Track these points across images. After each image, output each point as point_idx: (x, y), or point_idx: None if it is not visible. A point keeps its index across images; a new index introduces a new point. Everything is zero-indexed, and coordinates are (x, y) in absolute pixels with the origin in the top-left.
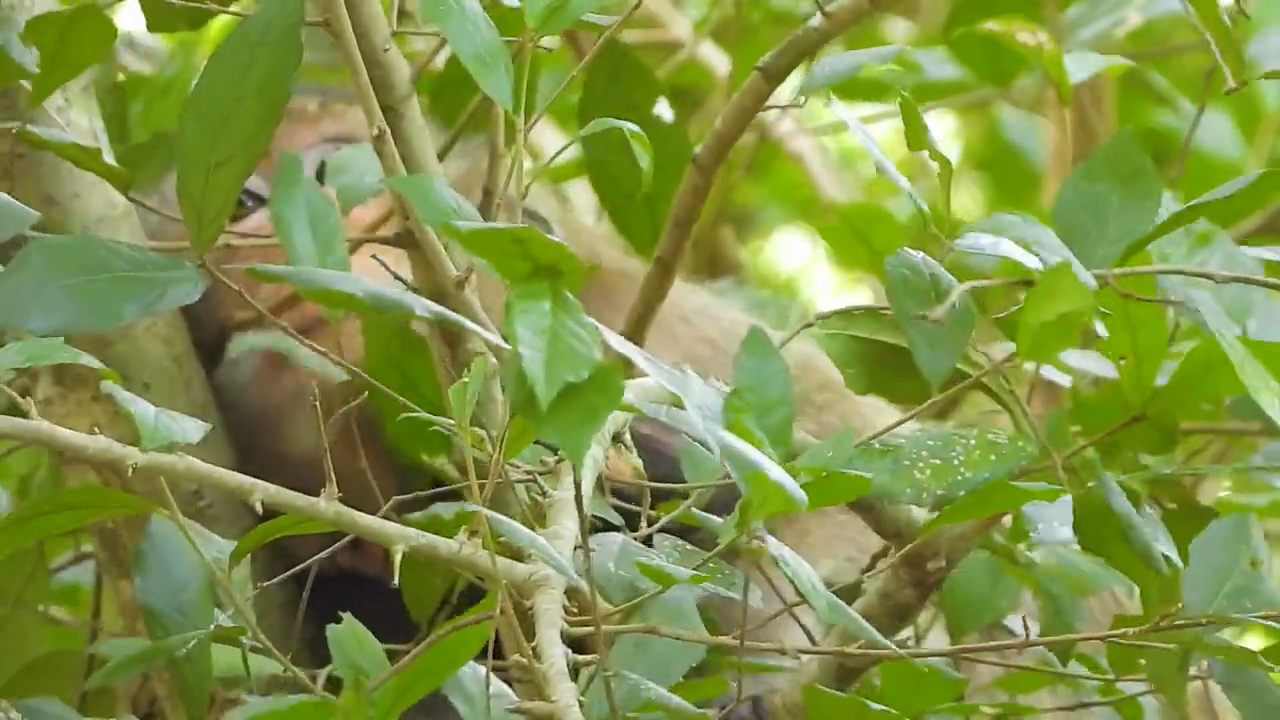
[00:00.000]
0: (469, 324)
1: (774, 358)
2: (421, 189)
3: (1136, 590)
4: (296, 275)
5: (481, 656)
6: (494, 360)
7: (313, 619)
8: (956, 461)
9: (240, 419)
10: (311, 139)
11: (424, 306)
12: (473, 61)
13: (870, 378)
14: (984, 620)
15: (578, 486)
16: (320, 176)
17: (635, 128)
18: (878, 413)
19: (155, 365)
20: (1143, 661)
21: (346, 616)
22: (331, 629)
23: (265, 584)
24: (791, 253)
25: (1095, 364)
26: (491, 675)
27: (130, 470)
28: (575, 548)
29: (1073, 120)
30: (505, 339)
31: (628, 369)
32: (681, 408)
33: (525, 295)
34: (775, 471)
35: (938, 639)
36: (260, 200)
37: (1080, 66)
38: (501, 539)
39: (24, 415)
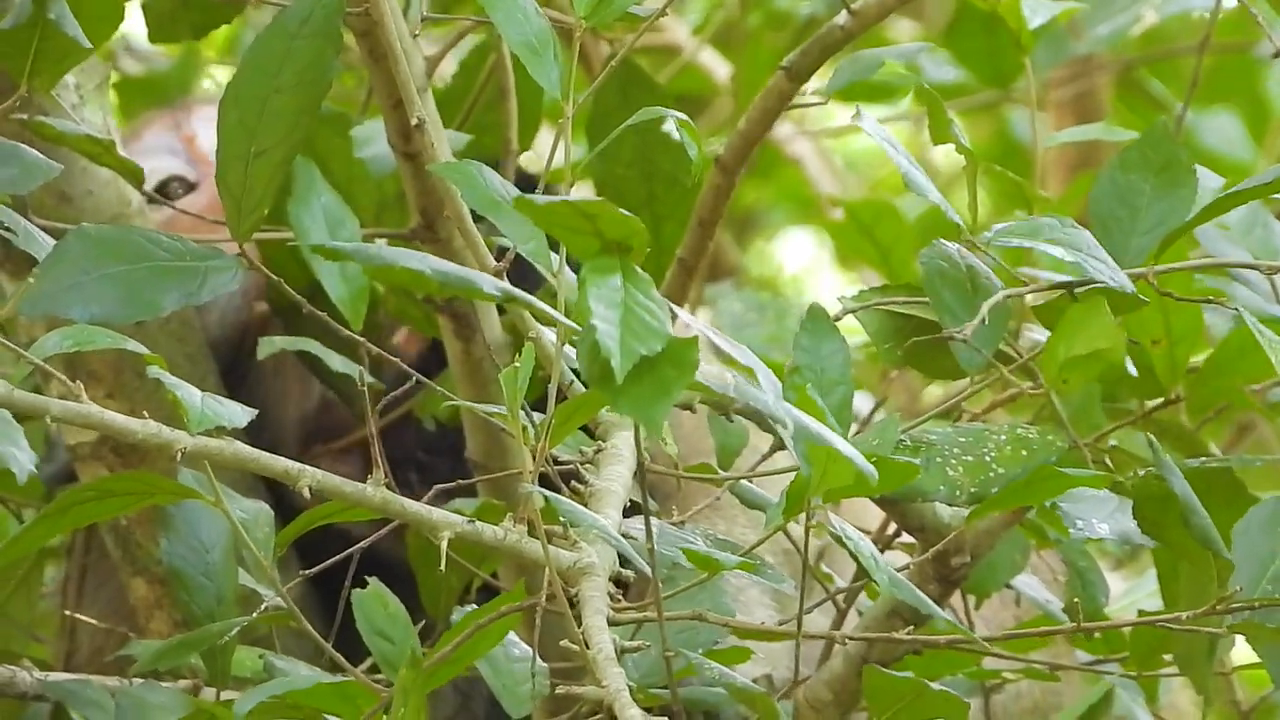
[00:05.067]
0: (537, 303)
1: (832, 336)
2: (468, 175)
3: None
4: (362, 252)
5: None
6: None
7: (325, 617)
8: (989, 458)
9: None
10: None
11: (492, 284)
12: (521, 48)
13: (904, 353)
14: (1003, 581)
15: (641, 467)
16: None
17: (684, 116)
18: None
19: (170, 362)
20: (1168, 657)
21: (373, 580)
22: (356, 594)
23: (300, 575)
24: (796, 253)
25: None
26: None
27: (179, 455)
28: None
29: (1070, 124)
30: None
31: None
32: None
33: (597, 270)
34: (846, 447)
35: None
36: (190, 186)
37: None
38: (545, 527)
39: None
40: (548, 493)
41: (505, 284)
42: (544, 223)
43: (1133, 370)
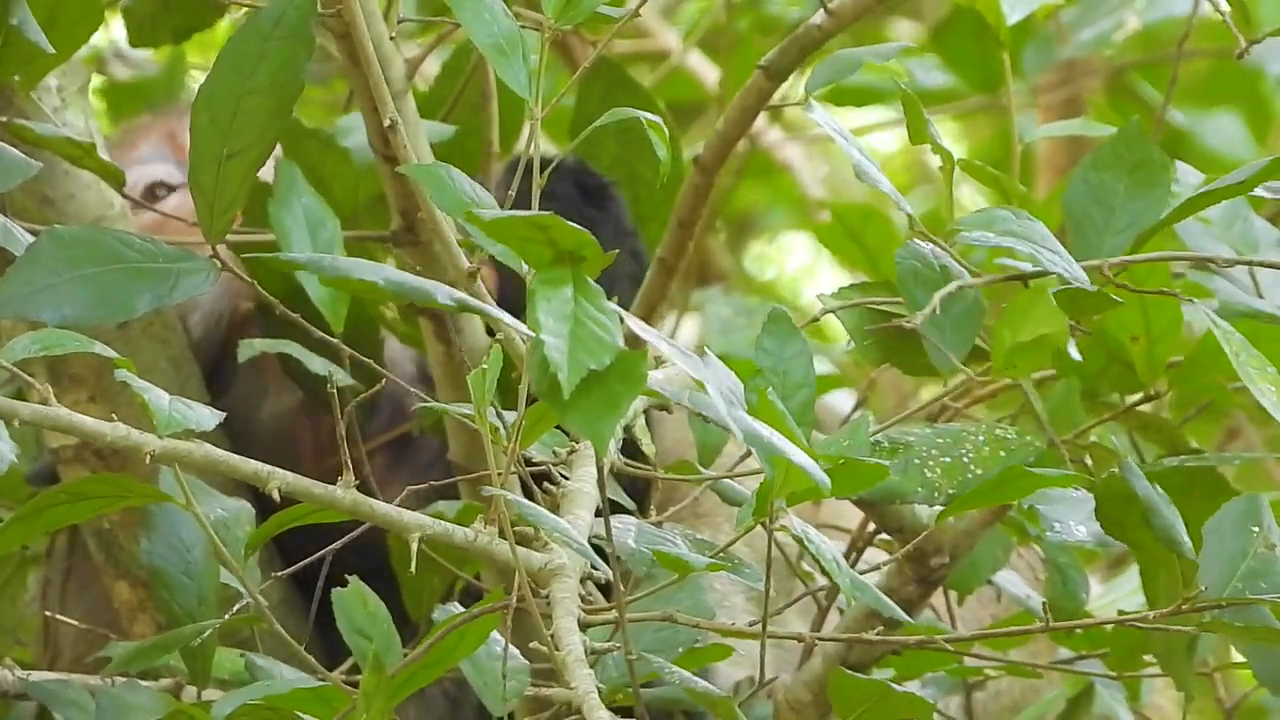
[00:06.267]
0: (494, 311)
1: (795, 339)
2: (438, 178)
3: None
4: (317, 262)
5: None
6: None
7: (304, 621)
8: (966, 459)
9: None
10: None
11: (446, 293)
12: (490, 50)
13: (884, 350)
14: (985, 577)
15: (600, 471)
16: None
17: (655, 117)
18: None
19: (152, 366)
20: (1148, 657)
21: (353, 579)
22: (337, 593)
23: (275, 575)
24: (794, 256)
25: None
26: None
27: (149, 457)
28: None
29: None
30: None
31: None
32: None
33: (548, 282)
34: (797, 455)
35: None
36: (172, 189)
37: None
38: (515, 528)
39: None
40: (510, 495)
41: (461, 293)
42: (495, 234)
43: (1074, 353)
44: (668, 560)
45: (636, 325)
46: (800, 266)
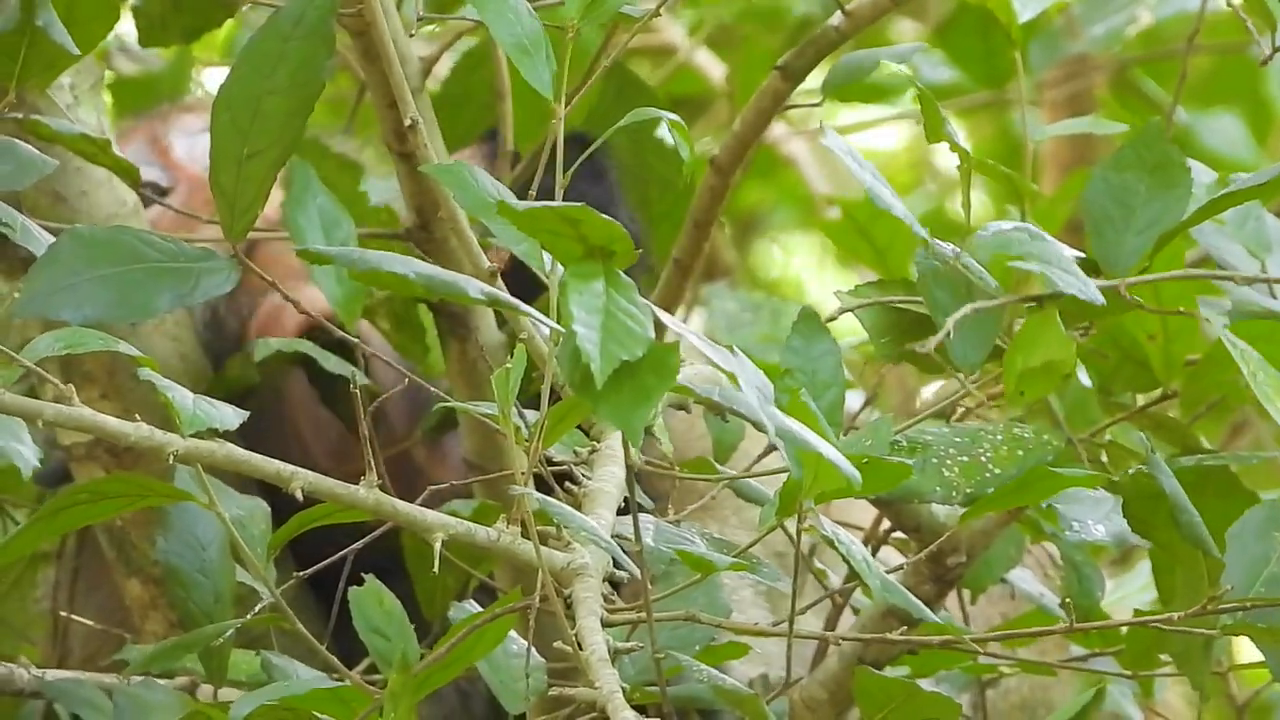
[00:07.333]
0: (523, 306)
1: (823, 338)
2: (460, 176)
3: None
4: (346, 256)
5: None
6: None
7: (324, 615)
8: (985, 458)
9: None
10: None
11: (478, 289)
12: (513, 49)
13: (901, 347)
14: (998, 575)
15: (628, 469)
16: None
17: (675, 117)
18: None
19: (163, 362)
20: (1164, 657)
21: (369, 578)
22: (353, 592)
23: (296, 575)
24: (800, 254)
25: None
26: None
27: (171, 457)
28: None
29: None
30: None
31: None
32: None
33: (579, 275)
34: (831, 452)
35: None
36: (162, 192)
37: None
38: (538, 528)
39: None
40: (539, 495)
41: (492, 288)
42: (527, 228)
43: (1084, 378)
44: (691, 560)
45: (666, 319)
46: (805, 263)
